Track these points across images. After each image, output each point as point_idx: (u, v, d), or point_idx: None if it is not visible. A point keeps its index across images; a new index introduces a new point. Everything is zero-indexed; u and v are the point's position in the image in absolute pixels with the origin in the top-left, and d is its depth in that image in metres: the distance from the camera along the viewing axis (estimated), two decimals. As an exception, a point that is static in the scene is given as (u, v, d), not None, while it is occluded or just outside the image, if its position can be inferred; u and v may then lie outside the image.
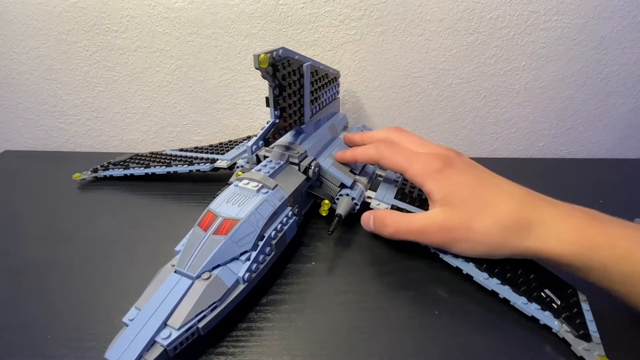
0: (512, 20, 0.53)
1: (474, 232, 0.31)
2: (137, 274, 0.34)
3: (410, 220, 0.34)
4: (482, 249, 0.32)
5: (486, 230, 0.31)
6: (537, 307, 0.30)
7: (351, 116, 0.61)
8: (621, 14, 0.52)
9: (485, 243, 0.31)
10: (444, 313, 0.32)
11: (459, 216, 0.32)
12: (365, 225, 0.38)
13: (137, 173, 0.50)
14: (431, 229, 0.33)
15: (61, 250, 0.38)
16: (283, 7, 0.52)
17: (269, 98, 0.34)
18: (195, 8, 0.53)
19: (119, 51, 0.56)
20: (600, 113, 0.61)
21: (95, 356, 0.27)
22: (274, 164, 0.38)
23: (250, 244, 0.30)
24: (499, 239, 0.31)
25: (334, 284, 0.35)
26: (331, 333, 0.30)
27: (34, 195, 0.49)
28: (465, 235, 0.31)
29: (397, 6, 0.52)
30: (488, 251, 0.32)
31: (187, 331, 0.25)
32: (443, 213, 0.32)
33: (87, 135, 0.64)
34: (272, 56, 0.32)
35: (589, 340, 0.28)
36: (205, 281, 0.27)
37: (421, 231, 0.33)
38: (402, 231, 0.34)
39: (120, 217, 0.44)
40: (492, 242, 0.31)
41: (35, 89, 0.59)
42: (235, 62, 0.57)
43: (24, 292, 0.33)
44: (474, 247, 0.32)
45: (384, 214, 0.36)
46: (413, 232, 0.34)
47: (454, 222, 0.32)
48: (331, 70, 0.46)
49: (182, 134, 0.64)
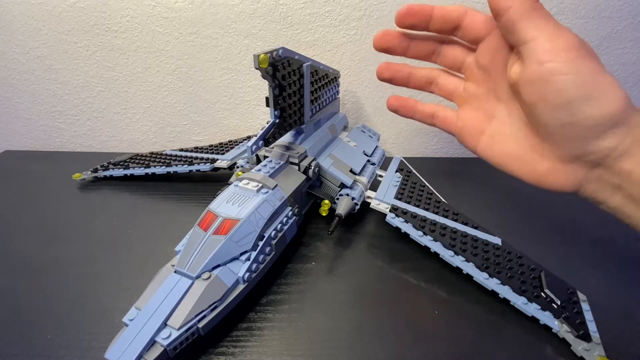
0: (512, 20, 0.53)
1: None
2: (137, 274, 0.35)
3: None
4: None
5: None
6: (537, 307, 0.30)
7: (351, 116, 0.61)
8: (621, 14, 0.52)
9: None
10: (444, 313, 0.32)
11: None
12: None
13: (137, 173, 0.51)
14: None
15: (61, 250, 0.38)
16: (283, 7, 0.52)
17: (269, 98, 0.34)
18: (195, 8, 0.53)
19: (119, 51, 0.56)
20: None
21: (95, 356, 0.27)
22: (274, 164, 0.38)
23: (250, 244, 0.30)
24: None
25: (334, 284, 0.35)
26: (331, 333, 0.30)
27: (34, 195, 0.49)
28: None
29: (397, 6, 0.52)
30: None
31: (187, 331, 0.25)
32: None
33: (87, 135, 0.64)
34: (272, 56, 0.32)
35: (589, 340, 0.28)
36: (205, 281, 0.27)
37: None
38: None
39: (120, 217, 0.44)
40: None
41: (35, 89, 0.59)
42: (235, 62, 0.57)
43: (24, 292, 0.33)
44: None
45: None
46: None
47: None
48: (331, 70, 0.46)
49: (182, 134, 0.64)
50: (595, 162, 0.23)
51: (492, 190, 0.51)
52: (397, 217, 0.38)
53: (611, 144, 0.22)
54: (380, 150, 0.52)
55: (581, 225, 0.44)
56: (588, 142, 0.22)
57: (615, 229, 0.40)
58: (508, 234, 0.38)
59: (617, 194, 0.23)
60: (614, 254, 0.39)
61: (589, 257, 0.39)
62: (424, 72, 0.30)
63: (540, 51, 0.21)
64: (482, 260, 0.34)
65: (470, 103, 0.28)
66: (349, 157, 0.45)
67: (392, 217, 0.38)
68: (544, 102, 0.22)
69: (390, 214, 0.38)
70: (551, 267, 0.35)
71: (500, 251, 0.36)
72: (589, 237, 0.42)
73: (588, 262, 0.38)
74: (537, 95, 0.22)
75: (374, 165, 0.48)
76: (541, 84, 0.22)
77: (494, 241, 0.37)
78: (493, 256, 0.35)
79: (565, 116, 0.22)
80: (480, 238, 0.37)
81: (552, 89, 0.21)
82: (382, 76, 0.30)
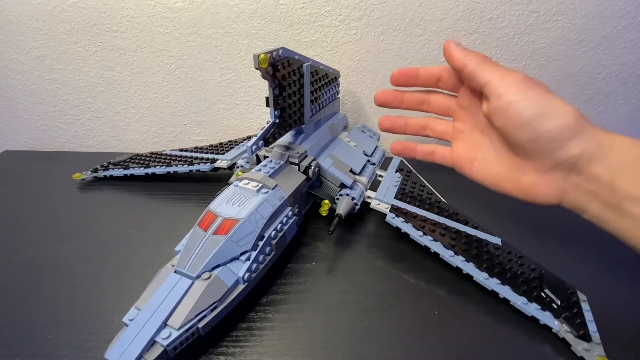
0: (512, 20, 0.53)
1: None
2: (137, 274, 0.35)
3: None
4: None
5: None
6: (537, 307, 0.30)
7: (351, 116, 0.61)
8: (621, 14, 0.52)
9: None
10: (444, 313, 0.32)
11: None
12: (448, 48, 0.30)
13: (137, 173, 0.50)
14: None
15: (61, 250, 0.38)
16: (283, 7, 0.52)
17: (269, 98, 0.34)
18: (195, 8, 0.53)
19: (119, 51, 0.56)
20: (600, 113, 0.61)
21: (95, 356, 0.27)
22: (274, 164, 0.38)
23: (250, 244, 0.30)
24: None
25: (334, 284, 0.35)
26: (331, 333, 0.30)
27: (34, 195, 0.49)
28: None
29: (397, 6, 0.52)
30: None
31: (187, 331, 0.25)
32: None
33: (87, 135, 0.64)
34: (272, 56, 0.32)
35: (589, 340, 0.28)
36: (205, 281, 0.27)
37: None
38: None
39: (120, 217, 0.44)
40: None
41: (35, 89, 0.59)
42: (235, 62, 0.57)
43: (24, 292, 0.33)
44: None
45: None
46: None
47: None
48: (331, 70, 0.46)
49: (182, 134, 0.64)
50: (567, 169, 0.26)
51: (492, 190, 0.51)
52: (397, 217, 0.38)
53: (576, 151, 0.25)
54: (380, 150, 0.52)
55: (581, 225, 0.44)
56: (555, 152, 0.26)
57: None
58: (508, 234, 0.38)
59: (594, 200, 0.26)
60: (614, 254, 0.39)
61: (588, 257, 0.39)
62: (418, 120, 0.36)
63: (496, 88, 0.27)
64: (482, 260, 0.34)
65: (460, 138, 0.33)
66: (349, 157, 0.45)
67: (392, 217, 0.38)
68: (510, 125, 0.27)
69: (390, 214, 0.38)
70: (551, 267, 0.35)
71: (500, 251, 0.36)
72: (589, 237, 0.42)
73: (588, 262, 0.38)
74: (504, 120, 0.27)
75: (374, 165, 0.48)
76: (504, 111, 0.27)
77: (494, 241, 0.37)
78: (493, 256, 0.35)
79: (530, 133, 0.26)
80: (480, 238, 0.37)
81: (512, 113, 0.26)
82: (383, 126, 0.37)
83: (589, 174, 0.25)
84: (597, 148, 0.25)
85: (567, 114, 0.25)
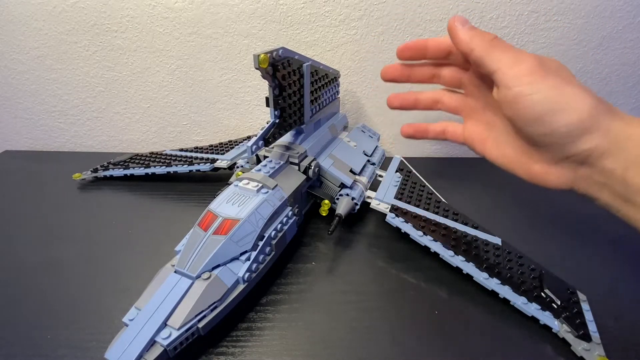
0: (512, 20, 0.53)
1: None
2: (137, 274, 0.35)
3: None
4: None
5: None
6: (537, 307, 0.30)
7: (351, 116, 0.61)
8: (621, 14, 0.52)
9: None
10: (444, 313, 0.32)
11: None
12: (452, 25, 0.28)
13: (137, 173, 0.50)
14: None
15: (61, 250, 0.38)
16: (283, 7, 0.52)
17: (269, 98, 0.34)
18: (195, 8, 0.53)
19: (119, 51, 0.56)
20: (600, 113, 0.61)
21: (95, 356, 0.27)
22: (274, 164, 0.38)
23: (250, 244, 0.30)
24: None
25: (334, 284, 0.35)
26: (331, 333, 0.30)
27: (34, 195, 0.49)
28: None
29: (397, 6, 0.52)
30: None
31: (187, 331, 0.25)
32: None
33: (87, 135, 0.64)
34: (272, 56, 0.32)
35: (589, 340, 0.28)
36: (205, 281, 0.27)
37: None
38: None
39: (120, 217, 0.44)
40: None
41: (35, 89, 0.59)
42: (235, 62, 0.57)
43: (24, 292, 0.33)
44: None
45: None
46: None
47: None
48: (331, 70, 0.46)
49: (182, 134, 0.64)
50: (579, 162, 0.25)
51: (492, 190, 0.51)
52: (397, 217, 0.38)
53: (589, 146, 0.24)
54: (380, 150, 0.52)
55: (581, 225, 0.44)
56: (567, 147, 0.24)
57: (615, 229, 0.40)
58: (508, 234, 0.38)
59: (604, 191, 0.25)
60: (614, 254, 0.39)
61: (589, 257, 0.39)
62: (429, 94, 0.34)
63: (505, 78, 0.25)
64: (482, 260, 0.34)
65: (472, 117, 0.32)
66: (349, 157, 0.45)
67: (392, 217, 0.38)
68: (519, 119, 0.25)
69: (390, 214, 0.38)
70: (551, 267, 0.35)
71: (500, 251, 0.36)
72: (589, 237, 0.42)
73: (588, 262, 0.38)
74: (512, 113, 0.26)
75: (374, 165, 0.48)
76: (513, 104, 0.25)
77: (494, 241, 0.37)
78: (493, 256, 0.35)
79: (541, 128, 0.25)
80: (480, 238, 0.37)
81: (522, 107, 0.25)
82: (392, 104, 0.35)
83: (601, 167, 0.24)
84: (611, 142, 0.23)
85: (580, 108, 0.23)
